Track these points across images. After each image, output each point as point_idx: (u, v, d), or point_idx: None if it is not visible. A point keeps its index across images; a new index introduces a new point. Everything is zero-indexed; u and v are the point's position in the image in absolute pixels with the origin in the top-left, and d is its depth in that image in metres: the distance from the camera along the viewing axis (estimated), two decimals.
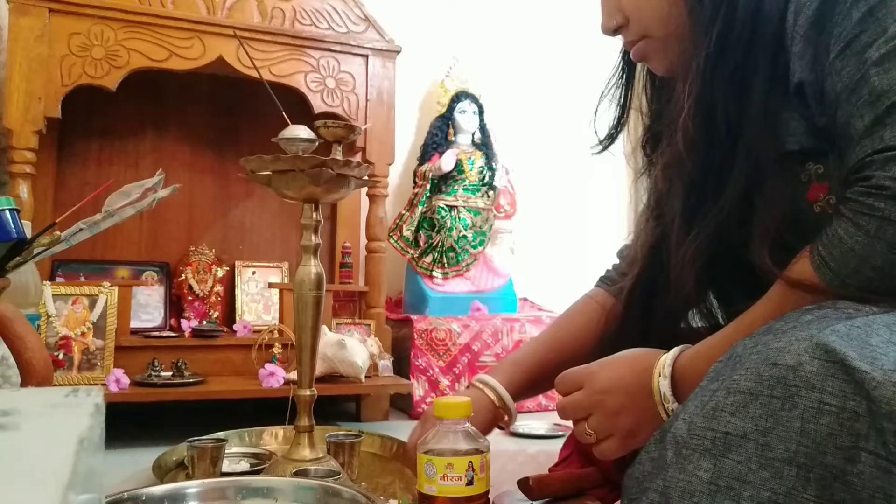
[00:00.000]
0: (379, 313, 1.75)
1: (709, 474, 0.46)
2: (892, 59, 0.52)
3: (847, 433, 0.42)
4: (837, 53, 0.55)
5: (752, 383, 0.46)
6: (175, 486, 0.77)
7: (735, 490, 0.44)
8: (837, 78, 0.55)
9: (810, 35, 0.58)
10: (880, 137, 0.51)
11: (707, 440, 0.47)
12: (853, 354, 0.43)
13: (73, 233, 0.85)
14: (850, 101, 0.54)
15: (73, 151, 1.78)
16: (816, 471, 0.42)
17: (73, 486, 0.24)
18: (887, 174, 0.50)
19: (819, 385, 0.43)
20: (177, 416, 1.52)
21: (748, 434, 0.45)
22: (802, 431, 0.43)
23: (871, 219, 0.51)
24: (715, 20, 0.63)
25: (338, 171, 0.98)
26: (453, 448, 0.84)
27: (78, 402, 0.33)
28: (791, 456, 0.43)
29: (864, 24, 0.53)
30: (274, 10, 1.66)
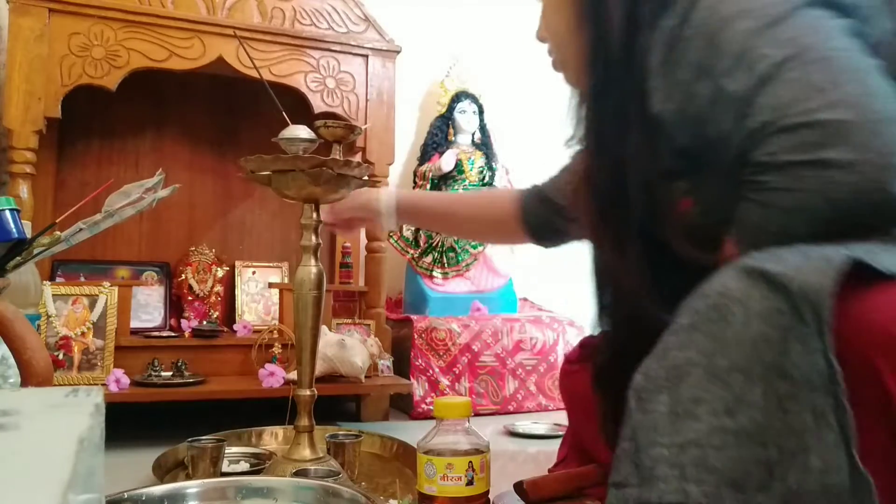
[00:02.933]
0: (379, 313, 1.75)
1: (667, 406, 0.49)
2: (737, 69, 0.61)
3: (776, 329, 0.46)
4: (693, 80, 0.64)
5: (690, 318, 0.51)
6: (175, 486, 0.77)
7: (692, 411, 0.47)
8: (698, 99, 0.64)
9: (663, 70, 0.67)
10: (745, 128, 0.60)
11: (661, 378, 0.50)
12: (769, 265, 0.49)
13: (73, 233, 0.85)
14: (714, 112, 0.63)
15: (73, 151, 1.78)
16: (758, 370, 0.46)
17: (73, 486, 0.24)
18: (762, 151, 0.58)
19: (745, 297, 0.48)
20: (177, 416, 1.51)
21: (695, 361, 0.49)
22: (739, 341, 0.47)
23: (762, 192, 0.59)
24: (598, 57, 0.73)
25: (338, 171, 0.98)
26: (453, 448, 0.84)
27: (78, 402, 0.33)
28: (734, 365, 0.47)
29: (707, 50, 0.63)
30: (274, 10, 1.66)
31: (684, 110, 0.66)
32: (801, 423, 0.44)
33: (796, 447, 0.44)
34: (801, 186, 0.56)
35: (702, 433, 0.46)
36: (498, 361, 1.81)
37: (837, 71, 0.57)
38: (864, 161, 0.54)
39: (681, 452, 0.47)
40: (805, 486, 0.43)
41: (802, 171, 0.56)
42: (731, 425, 0.46)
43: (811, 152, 0.55)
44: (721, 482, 0.45)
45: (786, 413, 0.45)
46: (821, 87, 0.56)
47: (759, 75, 0.59)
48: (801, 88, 0.57)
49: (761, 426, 0.45)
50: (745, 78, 0.60)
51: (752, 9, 0.62)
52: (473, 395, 1.76)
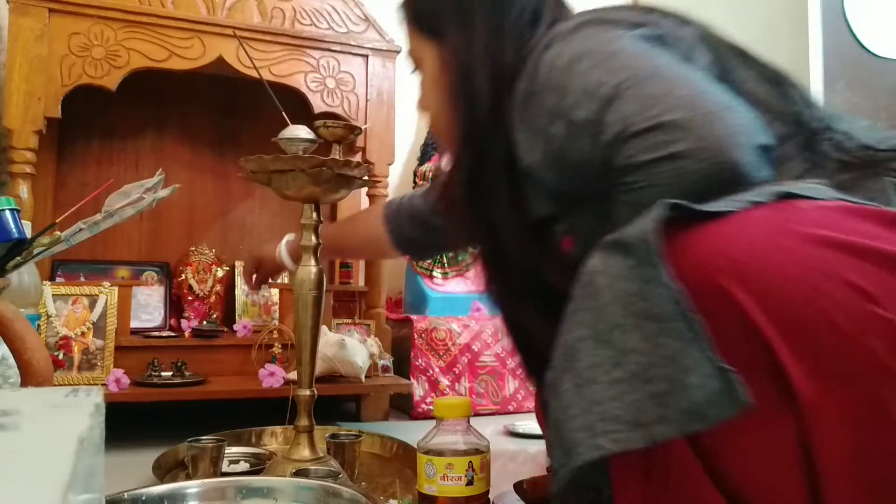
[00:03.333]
0: (379, 313, 1.75)
1: (572, 383, 0.54)
2: (582, 101, 0.68)
3: (631, 282, 0.52)
4: (548, 124, 0.71)
5: (572, 305, 0.57)
6: (175, 486, 0.77)
7: (591, 377, 0.52)
8: (555, 139, 0.71)
9: (522, 126, 0.75)
10: (601, 144, 0.67)
11: (561, 363, 0.56)
12: (615, 235, 0.55)
13: (73, 233, 0.85)
14: (572, 143, 0.70)
15: (73, 151, 1.78)
16: (630, 321, 0.51)
17: (73, 486, 0.24)
18: (621, 156, 0.65)
19: (605, 266, 0.54)
20: (177, 416, 1.52)
21: (583, 335, 0.54)
22: (610, 303, 0.53)
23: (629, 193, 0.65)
24: (468, 126, 0.82)
25: (338, 171, 0.98)
26: (453, 448, 0.84)
27: (78, 402, 0.33)
28: (612, 324, 0.52)
29: (556, 96, 0.71)
30: (274, 10, 1.66)
31: (546, 152, 0.73)
32: (673, 350, 0.49)
33: (676, 373, 0.49)
34: (660, 181, 0.63)
35: (600, 391, 0.51)
36: (498, 361, 1.81)
37: (668, 80, 0.65)
38: (707, 147, 0.61)
39: (588, 414, 0.52)
40: (692, 403, 0.48)
41: (659, 167, 0.63)
42: (621, 375, 0.51)
43: (662, 149, 0.62)
44: (626, 427, 0.49)
45: (661, 347, 0.50)
46: (657, 95, 0.64)
47: (602, 99, 0.66)
48: (641, 100, 0.65)
49: (644, 366, 0.50)
50: (590, 105, 0.67)
51: (586, 52, 0.70)
52: (473, 395, 1.76)
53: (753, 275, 0.50)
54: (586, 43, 0.71)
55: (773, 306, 0.49)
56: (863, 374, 0.48)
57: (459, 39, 0.84)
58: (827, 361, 0.48)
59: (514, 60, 0.78)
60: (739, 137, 0.62)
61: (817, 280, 0.49)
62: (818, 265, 0.50)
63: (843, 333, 0.48)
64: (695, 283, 0.51)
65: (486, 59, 0.81)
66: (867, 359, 0.48)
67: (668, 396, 0.48)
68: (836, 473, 0.48)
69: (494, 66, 0.80)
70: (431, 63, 0.90)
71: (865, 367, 0.48)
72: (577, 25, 0.74)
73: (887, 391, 0.48)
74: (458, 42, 0.84)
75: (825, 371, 0.48)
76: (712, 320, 0.50)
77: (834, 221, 0.52)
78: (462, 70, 0.83)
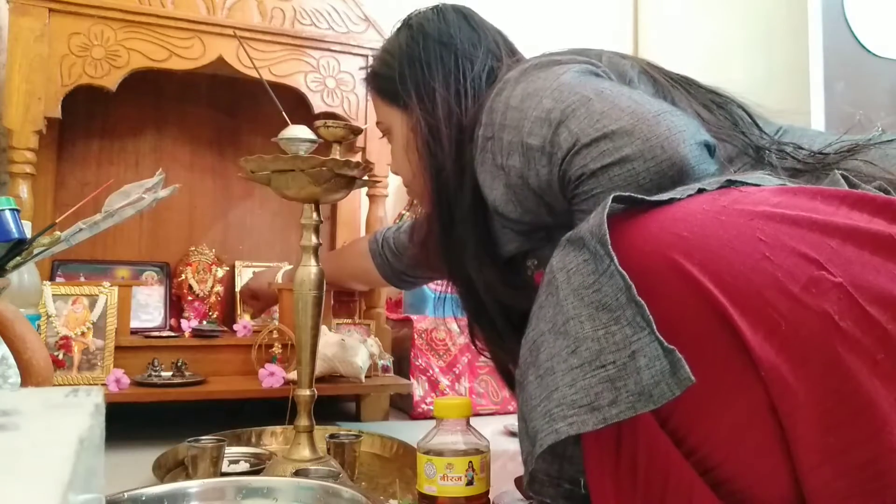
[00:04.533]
0: (379, 313, 1.75)
1: (534, 375, 0.57)
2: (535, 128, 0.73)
3: (586, 275, 0.54)
4: (506, 158, 0.77)
5: (536, 304, 0.60)
6: (175, 486, 0.77)
7: (551, 367, 0.55)
8: (514, 169, 0.77)
9: (483, 168, 0.81)
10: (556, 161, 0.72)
11: (526, 359, 0.59)
12: (570, 233, 0.58)
13: (73, 233, 0.85)
14: (529, 168, 0.75)
15: (73, 151, 1.78)
16: (584, 312, 0.54)
17: (73, 486, 0.24)
18: (576, 167, 0.70)
19: (563, 263, 0.57)
20: (177, 416, 1.52)
21: (544, 329, 0.57)
22: (567, 297, 0.55)
23: (587, 200, 0.70)
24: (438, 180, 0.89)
25: (338, 171, 0.98)
26: (453, 448, 0.84)
27: (78, 402, 0.33)
28: (568, 316, 0.55)
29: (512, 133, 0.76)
30: (274, 10, 1.66)
31: (507, 185, 0.78)
32: (623, 336, 0.51)
33: (626, 357, 0.51)
34: (614, 184, 0.67)
35: (557, 379, 0.54)
36: None
37: (611, 97, 0.71)
38: (652, 147, 0.66)
39: (548, 401, 0.54)
40: (642, 384, 0.50)
41: (612, 171, 0.67)
42: (575, 362, 0.53)
43: (612, 154, 0.67)
44: (581, 410, 0.52)
45: (612, 335, 0.52)
46: (602, 110, 0.69)
47: (553, 122, 0.72)
48: (588, 116, 0.70)
49: (597, 352, 0.52)
50: (543, 130, 0.73)
51: (535, 90, 0.75)
52: (473, 395, 1.76)
53: (701, 248, 0.52)
54: (535, 82, 0.77)
55: (723, 277, 0.51)
56: (819, 337, 0.49)
57: (423, 108, 0.91)
58: (782, 326, 0.50)
59: (473, 117, 0.85)
60: (682, 135, 0.67)
61: (765, 250, 0.51)
62: (764, 237, 0.51)
63: (795, 299, 0.49)
64: (647, 262, 0.54)
65: (449, 123, 0.88)
66: (822, 322, 0.49)
67: (619, 380, 0.51)
68: (805, 437, 0.50)
69: (456, 126, 0.87)
70: (399, 130, 0.97)
71: (821, 330, 0.49)
72: (525, 70, 0.80)
73: (844, 353, 0.49)
74: (421, 110, 0.91)
75: (781, 336, 0.49)
76: (669, 296, 0.52)
77: (777, 200, 0.54)
78: (427, 135, 0.90)
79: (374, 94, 1.01)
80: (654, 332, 0.50)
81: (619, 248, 0.53)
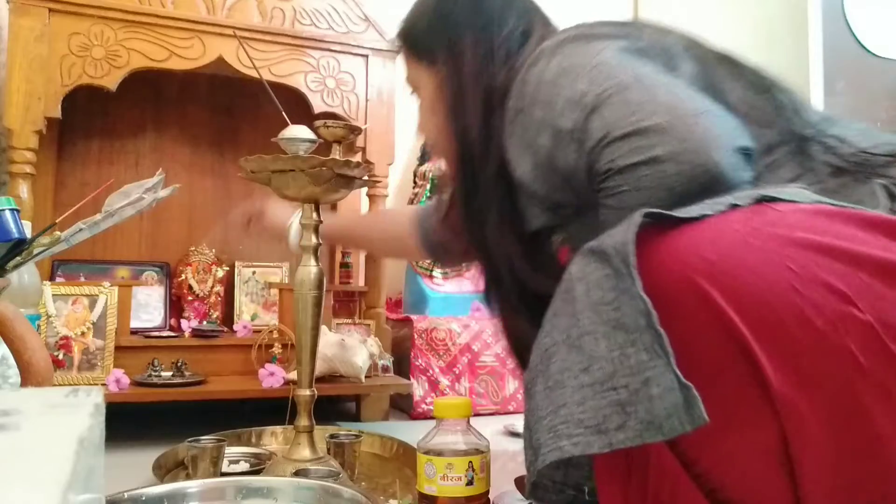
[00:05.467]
0: (379, 313, 1.75)
1: (543, 385, 0.55)
2: (567, 110, 0.70)
3: (607, 290, 0.53)
4: (536, 135, 0.74)
5: (552, 311, 0.58)
6: (175, 486, 0.77)
7: (561, 381, 0.54)
8: (543, 148, 0.73)
9: (511, 141, 0.77)
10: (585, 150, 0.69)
11: (536, 366, 0.57)
12: (595, 243, 0.56)
13: (73, 233, 0.85)
14: (558, 151, 0.72)
15: (73, 151, 1.78)
16: (601, 329, 0.52)
17: (73, 486, 0.24)
18: (604, 161, 0.67)
19: (582, 274, 0.55)
20: (177, 416, 1.51)
21: (558, 340, 0.56)
22: (584, 310, 0.54)
23: (613, 196, 0.67)
24: (463, 144, 0.85)
25: (338, 171, 0.98)
26: (453, 448, 0.84)
27: (78, 402, 0.33)
28: (584, 330, 0.53)
29: (543, 109, 0.73)
30: (274, 10, 1.66)
31: (535, 164, 0.75)
32: (639, 361, 0.49)
33: (640, 383, 0.49)
34: (642, 184, 0.64)
35: (566, 395, 0.53)
36: (498, 361, 1.81)
37: (649, 88, 0.67)
38: (686, 150, 0.63)
39: (554, 416, 0.53)
40: (653, 413, 0.48)
41: (640, 171, 0.64)
42: (587, 380, 0.52)
43: (643, 153, 0.64)
44: (587, 431, 0.50)
45: (627, 357, 0.50)
46: (638, 101, 0.66)
47: (586, 107, 0.69)
48: (622, 107, 0.66)
49: (610, 374, 0.51)
50: (575, 114, 0.69)
51: (570, 66, 0.72)
52: (473, 395, 1.76)
53: (727, 274, 0.50)
54: (571, 58, 0.74)
55: (747, 306, 0.49)
56: (839, 374, 0.48)
57: (451, 66, 0.88)
58: (803, 361, 0.49)
59: (503, 81, 0.82)
60: (719, 140, 0.63)
61: (793, 280, 0.49)
62: (794, 266, 0.50)
63: (819, 334, 0.48)
64: (671, 284, 0.52)
65: (477, 84, 0.85)
66: (844, 360, 0.48)
67: (630, 406, 0.49)
68: (815, 473, 0.49)
69: (485, 89, 0.84)
70: (427, 89, 0.94)
71: (842, 368, 0.48)
72: (561, 42, 0.76)
73: (863, 391, 0.48)
74: (449, 68, 0.88)
75: (802, 371, 0.49)
76: (689, 321, 0.51)
77: (812, 224, 0.52)
78: (454, 95, 0.87)
79: (404, 51, 0.97)
80: (672, 364, 0.48)
81: (643, 267, 0.52)
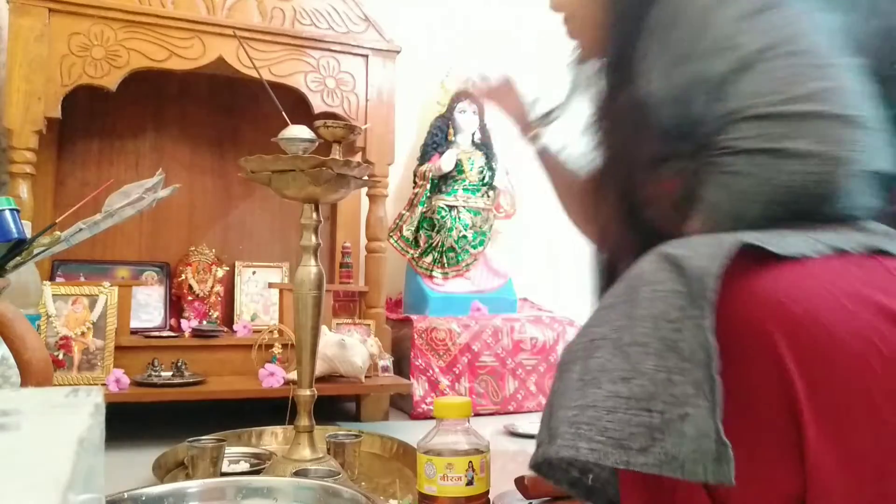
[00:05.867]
0: (379, 313, 1.75)
1: (578, 374, 0.53)
2: (714, 54, 0.64)
3: (673, 308, 0.50)
4: (672, 63, 0.68)
5: (611, 298, 0.56)
6: (175, 486, 0.77)
7: (597, 379, 0.52)
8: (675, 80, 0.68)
9: (647, 55, 0.71)
10: (715, 112, 0.63)
11: (578, 351, 0.55)
12: (677, 250, 0.53)
13: (73, 233, 0.85)
14: (689, 94, 0.66)
15: (73, 151, 1.78)
16: (654, 345, 0.50)
17: (73, 486, 0.24)
18: (728, 136, 0.61)
19: (653, 279, 0.52)
20: (177, 416, 1.52)
21: (607, 335, 0.53)
22: (642, 317, 0.51)
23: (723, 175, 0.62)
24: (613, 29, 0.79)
25: (338, 171, 0.98)
26: (453, 448, 0.84)
27: (78, 402, 0.33)
28: (635, 339, 0.51)
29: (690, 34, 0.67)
30: (274, 10, 1.66)
31: (664, 90, 0.69)
32: (683, 393, 0.47)
33: (676, 415, 0.47)
34: (758, 173, 0.60)
35: (599, 398, 0.51)
36: (498, 361, 1.81)
37: (809, 66, 0.60)
38: (819, 153, 0.57)
39: (580, 413, 0.51)
40: (679, 450, 0.46)
41: (762, 159, 0.59)
42: (624, 391, 0.50)
43: (773, 142, 0.59)
44: (608, 442, 0.49)
45: (672, 384, 0.48)
46: (790, 80, 0.59)
47: (733, 63, 0.62)
48: (771, 80, 0.60)
49: (650, 394, 0.49)
50: (720, 64, 0.63)
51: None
52: (473, 395, 1.76)
53: (805, 334, 0.48)
54: None
55: (815, 373, 0.47)
56: (885, 454, 0.46)
57: None
58: (852, 434, 0.47)
59: None
60: (855, 155, 0.57)
61: (874, 361, 0.47)
62: (881, 344, 0.47)
63: (877, 412, 0.47)
64: (742, 324, 0.50)
65: None
66: None
67: (659, 433, 0.47)
68: None
69: None
70: None
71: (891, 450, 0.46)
72: None
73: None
74: None
75: (846, 441, 0.47)
76: (749, 368, 0.49)
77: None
78: None
79: None
80: (716, 413, 0.46)
81: (721, 297, 0.48)
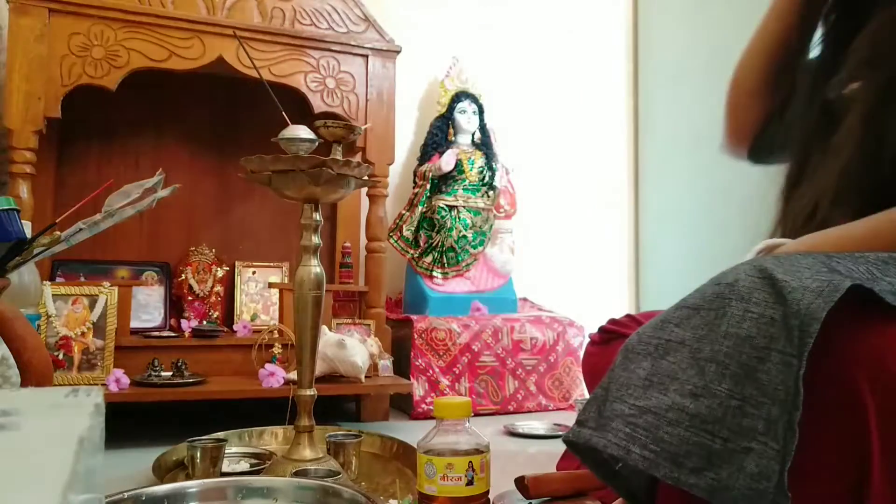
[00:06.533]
0: (379, 313, 1.75)
1: (646, 372, 0.52)
2: None
3: (763, 336, 0.47)
4: None
5: (697, 300, 0.53)
6: (175, 486, 0.77)
7: (664, 385, 0.50)
8: None
9: None
10: None
11: (651, 346, 0.53)
12: (781, 272, 0.49)
13: (73, 233, 0.85)
14: None
15: (73, 151, 1.78)
16: (732, 368, 0.47)
17: (73, 486, 0.24)
18: None
19: (748, 296, 0.49)
20: (177, 416, 1.52)
21: (686, 341, 0.51)
22: (727, 335, 0.49)
23: None
24: None
25: (338, 171, 0.98)
26: (453, 448, 0.84)
27: (78, 402, 0.33)
28: (713, 355, 0.48)
29: None
30: (274, 10, 1.66)
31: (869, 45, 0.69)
32: (752, 427, 0.45)
33: (740, 447, 0.45)
34: None
35: (663, 405, 0.49)
36: (498, 361, 1.82)
37: None
38: None
39: (639, 414, 0.50)
40: (733, 483, 0.45)
41: None
42: (690, 407, 0.48)
43: None
44: (661, 453, 0.47)
45: (742, 414, 0.46)
46: None
47: None
48: None
49: (716, 418, 0.47)
50: None
51: None
52: (473, 395, 1.76)
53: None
54: None
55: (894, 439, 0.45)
56: None
57: None
58: None
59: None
60: None
61: None
62: None
63: None
64: (833, 377, 0.47)
65: None
66: None
67: (717, 459, 0.46)
68: None
69: None
70: None
71: None
72: None
73: None
74: None
75: None
76: (828, 417, 0.47)
77: None
78: None
79: None
80: (786, 462, 0.44)
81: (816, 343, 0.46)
